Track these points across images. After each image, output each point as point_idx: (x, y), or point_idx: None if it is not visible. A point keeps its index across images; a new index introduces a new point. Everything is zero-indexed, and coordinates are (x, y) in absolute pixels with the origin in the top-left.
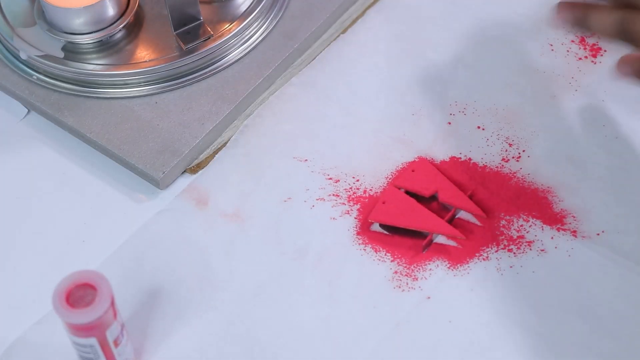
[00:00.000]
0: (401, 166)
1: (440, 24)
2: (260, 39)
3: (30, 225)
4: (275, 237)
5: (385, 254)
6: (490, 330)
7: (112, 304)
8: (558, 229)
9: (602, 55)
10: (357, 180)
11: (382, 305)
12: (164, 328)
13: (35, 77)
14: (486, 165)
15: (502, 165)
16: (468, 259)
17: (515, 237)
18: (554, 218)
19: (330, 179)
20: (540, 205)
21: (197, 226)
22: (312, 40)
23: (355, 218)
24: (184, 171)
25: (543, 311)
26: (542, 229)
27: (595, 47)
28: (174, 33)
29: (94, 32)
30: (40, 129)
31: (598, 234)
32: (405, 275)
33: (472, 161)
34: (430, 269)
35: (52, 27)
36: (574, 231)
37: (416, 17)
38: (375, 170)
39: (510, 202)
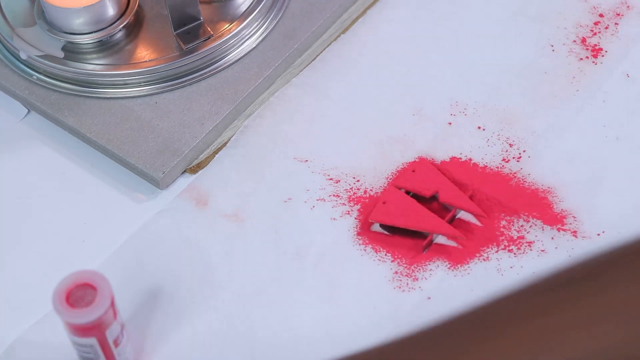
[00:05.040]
0: (401, 166)
1: (441, 24)
2: (260, 39)
3: (30, 225)
4: (275, 237)
5: (386, 254)
6: None
7: (112, 304)
8: (558, 229)
9: (603, 55)
10: (358, 181)
11: (382, 305)
12: (164, 328)
13: (35, 77)
14: (486, 166)
15: (503, 166)
16: (468, 260)
17: (515, 237)
18: (554, 218)
19: (331, 179)
20: (540, 206)
21: (197, 226)
22: (312, 40)
23: (356, 218)
24: (184, 171)
25: None
26: (543, 229)
27: (596, 47)
28: (174, 33)
29: (94, 32)
30: (40, 129)
31: (598, 234)
32: (406, 275)
33: (472, 161)
34: (431, 270)
35: (52, 27)
36: (575, 231)
37: (416, 17)
38: (375, 170)
39: (511, 203)
